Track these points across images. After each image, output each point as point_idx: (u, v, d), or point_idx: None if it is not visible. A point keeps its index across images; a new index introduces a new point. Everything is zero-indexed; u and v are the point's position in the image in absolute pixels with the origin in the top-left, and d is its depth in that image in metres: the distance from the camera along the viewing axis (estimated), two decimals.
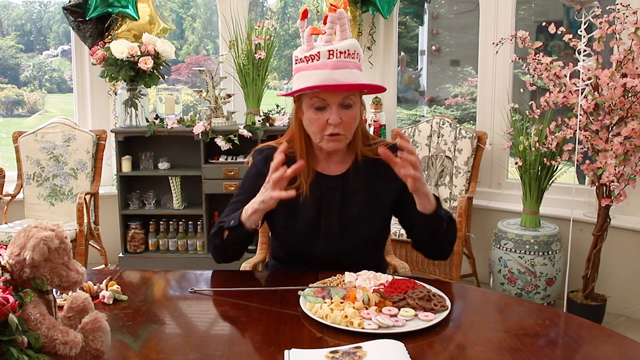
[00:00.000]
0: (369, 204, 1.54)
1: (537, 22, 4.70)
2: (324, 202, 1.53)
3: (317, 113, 1.43)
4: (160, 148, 3.66)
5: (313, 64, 1.40)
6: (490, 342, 1.09)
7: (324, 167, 1.56)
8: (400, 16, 4.80)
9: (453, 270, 3.03)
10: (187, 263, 3.59)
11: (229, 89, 3.80)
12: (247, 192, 1.54)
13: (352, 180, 1.54)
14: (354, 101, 1.44)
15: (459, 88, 5.79)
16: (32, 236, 0.90)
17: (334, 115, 1.41)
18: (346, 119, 1.43)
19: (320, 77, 1.38)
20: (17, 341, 0.84)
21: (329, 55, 1.38)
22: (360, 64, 1.44)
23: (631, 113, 2.52)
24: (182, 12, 5.62)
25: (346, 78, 1.38)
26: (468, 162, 3.33)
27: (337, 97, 1.41)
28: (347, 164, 1.56)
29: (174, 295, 1.39)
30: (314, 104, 1.43)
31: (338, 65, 1.38)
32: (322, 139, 1.46)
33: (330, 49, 1.38)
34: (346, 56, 1.39)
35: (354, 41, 1.42)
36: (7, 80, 5.68)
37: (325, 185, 1.54)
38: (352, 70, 1.40)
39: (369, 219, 1.54)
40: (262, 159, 1.56)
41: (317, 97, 1.42)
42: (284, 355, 1.01)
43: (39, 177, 3.45)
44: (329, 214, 1.52)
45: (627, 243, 3.03)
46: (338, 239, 1.52)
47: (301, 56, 1.43)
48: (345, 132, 1.45)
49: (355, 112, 1.46)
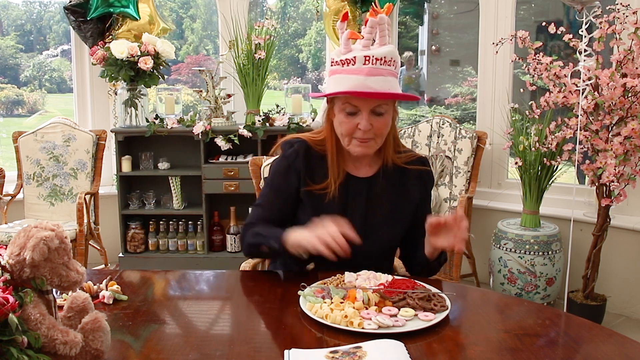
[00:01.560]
0: (392, 210, 1.54)
1: (537, 22, 4.70)
2: (349, 203, 1.53)
3: (348, 117, 1.43)
4: (160, 148, 3.66)
5: (348, 68, 1.38)
6: (490, 342, 1.09)
7: (352, 168, 1.56)
8: (400, 16, 4.80)
9: (453, 270, 3.03)
10: (187, 263, 3.59)
11: (229, 89, 3.80)
12: (278, 188, 1.54)
13: (379, 184, 1.54)
14: (386, 109, 1.43)
15: (459, 88, 5.79)
16: (32, 236, 0.90)
17: (364, 121, 1.40)
18: (377, 125, 1.43)
19: (354, 83, 1.36)
20: (17, 341, 0.84)
21: (364, 61, 1.36)
22: (396, 72, 1.42)
23: (631, 113, 2.52)
24: (182, 12, 5.62)
25: (380, 86, 1.36)
26: (468, 162, 3.33)
27: (369, 104, 1.40)
28: (375, 168, 1.56)
29: (174, 295, 1.39)
30: (346, 109, 1.42)
31: (373, 72, 1.36)
32: (350, 143, 1.46)
33: (367, 54, 1.36)
34: (382, 63, 1.37)
35: (392, 48, 1.40)
36: (7, 80, 5.68)
37: (352, 187, 1.54)
38: (387, 77, 1.38)
39: (391, 225, 1.54)
40: (294, 152, 1.54)
41: (349, 102, 1.41)
42: (284, 355, 1.01)
43: (39, 177, 3.45)
44: (353, 215, 1.51)
45: (627, 243, 3.04)
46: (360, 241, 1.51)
47: (337, 59, 1.41)
48: (375, 137, 1.45)
49: (387, 120, 1.45)
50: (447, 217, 1.38)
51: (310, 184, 1.51)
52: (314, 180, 1.51)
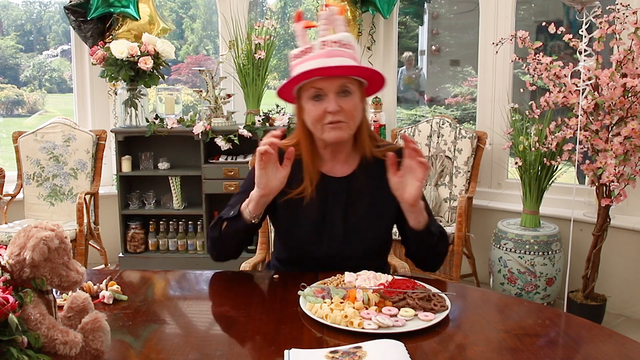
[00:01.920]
0: (373, 208, 1.51)
1: (537, 22, 4.71)
2: (328, 205, 1.49)
3: (315, 104, 1.40)
4: (160, 148, 3.66)
5: (307, 56, 1.38)
6: (490, 342, 1.09)
7: (329, 168, 1.53)
8: (400, 16, 4.81)
9: (453, 270, 3.03)
10: (187, 263, 3.59)
11: (229, 89, 3.80)
12: (247, 191, 1.50)
13: (357, 183, 1.51)
14: (352, 90, 1.40)
15: (459, 88, 5.80)
16: (32, 236, 0.90)
17: (332, 102, 1.37)
18: (346, 106, 1.39)
19: (314, 65, 1.35)
20: (17, 341, 0.84)
21: (322, 45, 1.36)
22: (356, 57, 1.40)
23: (631, 113, 2.52)
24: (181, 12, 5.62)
25: (341, 63, 1.35)
26: (468, 162, 3.33)
27: (333, 84, 1.38)
28: (353, 166, 1.53)
29: (174, 295, 1.39)
30: (311, 94, 1.40)
31: (332, 54, 1.36)
32: (322, 130, 1.42)
33: (323, 40, 1.37)
34: (340, 45, 1.37)
35: (348, 34, 1.40)
36: (7, 80, 5.68)
37: (330, 188, 1.51)
38: (347, 59, 1.37)
39: (373, 223, 1.51)
40: None
41: (313, 87, 1.39)
42: (283, 355, 1.01)
43: (39, 177, 3.45)
44: (333, 217, 1.49)
45: (627, 243, 3.03)
46: (342, 242, 1.49)
47: (296, 52, 1.41)
48: (346, 119, 1.41)
49: (355, 101, 1.41)
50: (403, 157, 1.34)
51: (287, 191, 1.46)
52: (290, 186, 1.46)
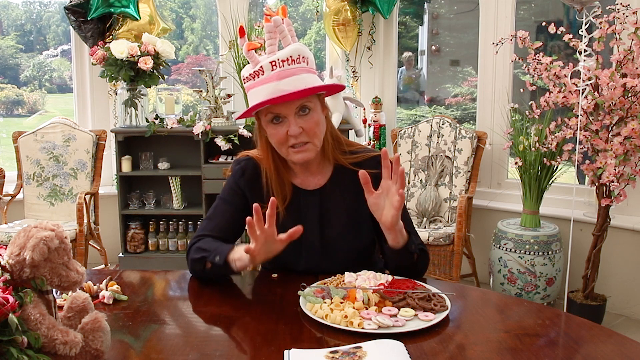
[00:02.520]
0: (350, 220, 1.47)
1: (537, 22, 4.70)
2: (302, 219, 1.42)
3: (276, 127, 1.37)
4: (160, 148, 3.66)
5: (259, 79, 1.34)
6: (490, 342, 1.09)
7: (301, 180, 1.49)
8: (400, 16, 4.80)
9: (453, 270, 3.03)
10: (186, 263, 3.58)
11: (229, 89, 3.80)
12: (225, 202, 1.50)
13: (331, 195, 1.47)
14: (311, 107, 1.36)
15: (459, 88, 5.79)
16: (32, 236, 0.90)
17: (292, 126, 1.34)
18: (307, 126, 1.35)
19: (267, 91, 1.31)
20: (17, 341, 0.84)
21: (271, 67, 1.32)
22: (310, 68, 1.37)
23: (631, 113, 2.52)
24: (181, 12, 5.62)
25: (294, 86, 1.31)
26: (468, 162, 3.33)
27: (290, 108, 1.34)
28: (326, 176, 1.49)
29: (174, 295, 1.39)
30: (270, 119, 1.37)
31: (283, 75, 1.31)
32: (288, 153, 1.39)
33: (272, 59, 1.32)
34: (290, 63, 1.32)
35: (297, 45, 1.36)
36: (7, 80, 5.68)
37: (303, 201, 1.47)
38: (300, 75, 1.33)
39: (351, 236, 1.47)
40: (239, 169, 1.51)
41: (270, 112, 1.36)
42: (283, 355, 1.01)
43: (39, 177, 3.45)
44: (308, 231, 1.41)
45: (627, 243, 3.03)
46: (320, 256, 1.46)
47: (247, 74, 1.37)
48: (310, 139, 1.37)
49: (317, 117, 1.37)
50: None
51: (264, 206, 1.38)
52: (263, 199, 1.40)
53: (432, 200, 3.35)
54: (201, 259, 1.39)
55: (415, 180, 3.49)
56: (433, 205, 3.35)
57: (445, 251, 3.08)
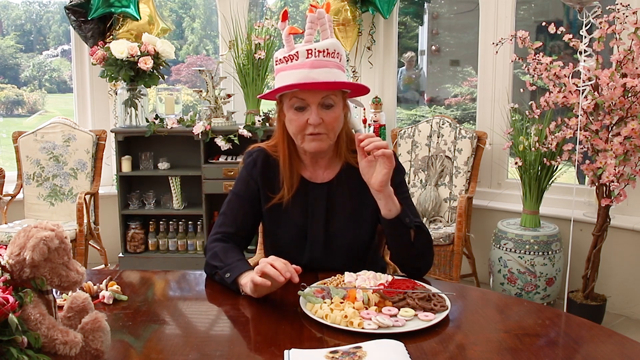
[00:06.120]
0: (354, 214, 1.51)
1: (537, 22, 4.70)
2: (309, 211, 1.50)
3: (297, 114, 1.40)
4: (160, 148, 3.66)
5: (292, 63, 1.36)
6: (490, 342, 1.09)
7: (310, 173, 1.53)
8: (400, 16, 4.80)
9: (453, 270, 3.03)
10: (187, 263, 3.59)
11: (229, 89, 3.80)
12: (238, 197, 1.54)
13: (338, 189, 1.51)
14: (335, 101, 1.40)
15: (459, 88, 5.80)
16: (32, 236, 0.90)
17: (313, 115, 1.37)
18: (327, 119, 1.39)
19: (298, 76, 1.34)
20: (17, 341, 0.84)
21: (307, 54, 1.34)
22: (341, 65, 1.40)
23: (631, 113, 2.52)
24: (181, 12, 5.62)
25: (324, 77, 1.34)
26: (468, 162, 3.33)
27: (316, 97, 1.37)
28: (335, 171, 1.53)
29: (174, 295, 1.39)
30: (294, 105, 1.39)
31: (316, 65, 1.34)
32: (303, 140, 1.43)
33: (309, 48, 1.35)
34: (325, 55, 1.35)
35: (335, 41, 1.39)
36: (7, 80, 5.68)
37: (311, 194, 1.51)
38: (332, 69, 1.36)
39: (354, 229, 1.51)
40: (252, 161, 1.54)
41: (296, 97, 1.38)
42: (283, 355, 1.01)
43: (38, 177, 3.45)
44: (314, 222, 1.49)
45: (627, 243, 3.03)
46: (324, 248, 1.50)
47: (281, 57, 1.39)
48: (327, 131, 1.41)
49: (337, 113, 1.42)
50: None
51: (269, 196, 1.49)
52: (273, 191, 1.49)
53: (432, 200, 3.35)
54: (214, 267, 1.41)
55: (415, 180, 3.49)
56: (433, 205, 3.35)
57: (445, 251, 3.08)
